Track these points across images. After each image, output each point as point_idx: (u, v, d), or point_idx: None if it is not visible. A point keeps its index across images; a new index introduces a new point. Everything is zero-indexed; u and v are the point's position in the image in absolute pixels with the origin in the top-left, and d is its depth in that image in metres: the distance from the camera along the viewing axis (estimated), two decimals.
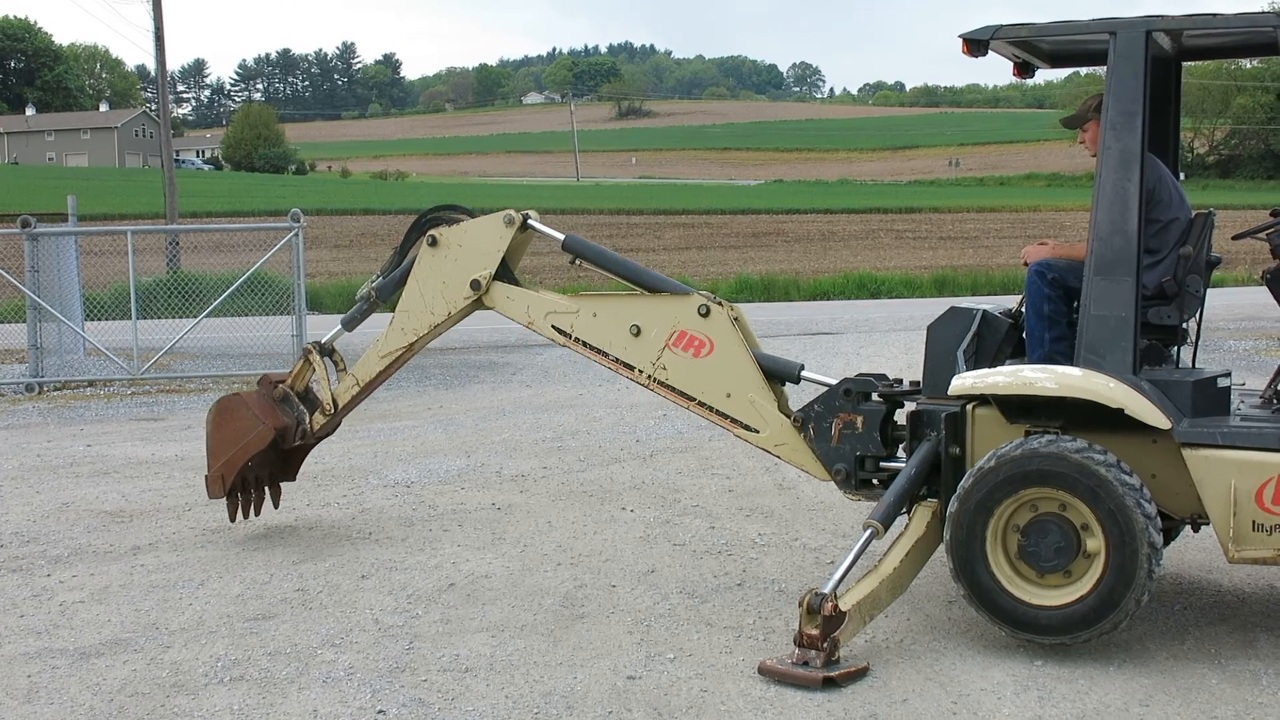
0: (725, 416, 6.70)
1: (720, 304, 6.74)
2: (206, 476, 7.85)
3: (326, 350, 7.88)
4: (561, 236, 7.20)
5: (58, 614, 6.64)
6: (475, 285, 7.23)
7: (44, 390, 15.68)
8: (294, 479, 8.33)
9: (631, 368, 6.89)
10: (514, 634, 6.19)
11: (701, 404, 6.74)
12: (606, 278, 7.30)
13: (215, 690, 5.52)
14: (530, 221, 7.26)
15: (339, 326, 7.91)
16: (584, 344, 7.00)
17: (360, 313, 7.83)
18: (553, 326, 7.08)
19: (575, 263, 7.19)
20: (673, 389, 6.79)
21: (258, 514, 8.11)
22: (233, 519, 8.01)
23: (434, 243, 7.36)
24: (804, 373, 6.71)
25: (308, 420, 7.80)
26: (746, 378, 6.64)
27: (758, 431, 6.64)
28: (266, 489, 8.11)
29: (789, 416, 6.59)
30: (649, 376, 6.83)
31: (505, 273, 7.29)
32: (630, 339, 6.86)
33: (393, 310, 7.59)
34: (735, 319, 6.74)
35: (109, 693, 5.50)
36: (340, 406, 7.73)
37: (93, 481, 10.09)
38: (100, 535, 8.27)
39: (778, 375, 6.71)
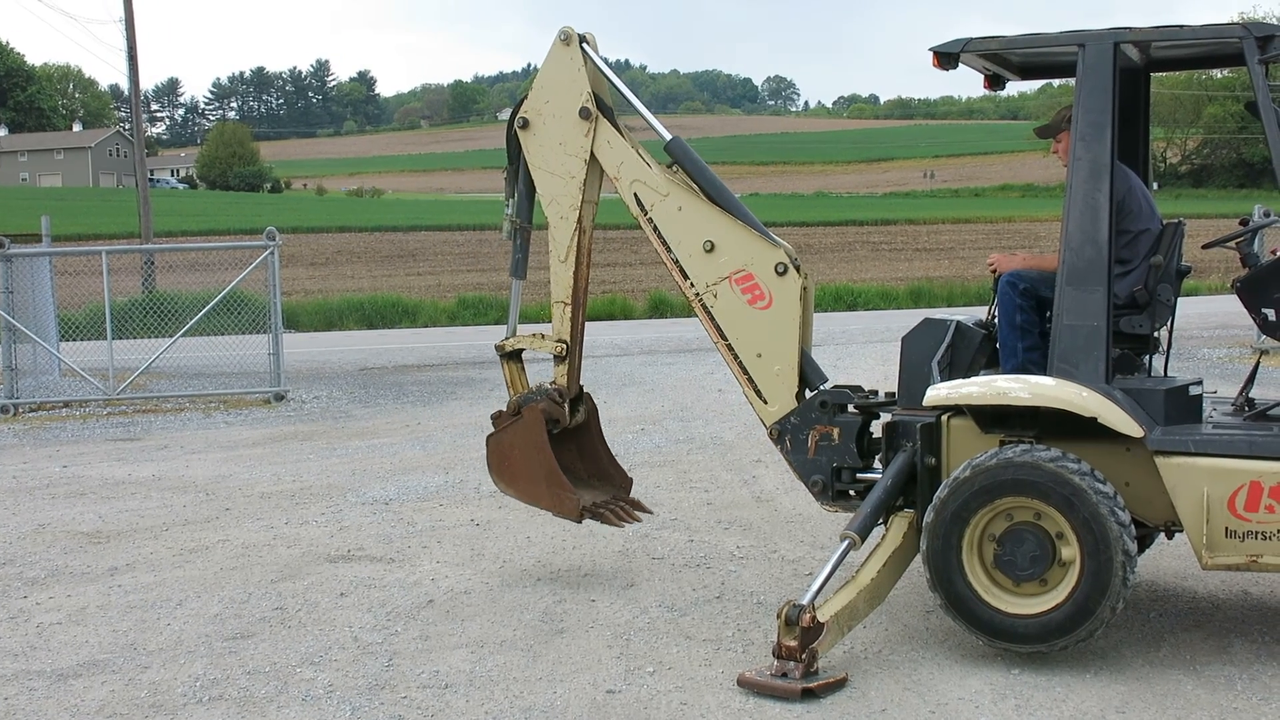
0: (745, 372, 6.66)
1: (799, 270, 6.61)
2: (556, 513, 7.28)
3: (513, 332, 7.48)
4: (668, 135, 6.92)
5: (35, 635, 6.61)
6: (585, 113, 6.98)
7: (19, 412, 15.60)
8: (629, 485, 7.65)
9: (686, 277, 6.79)
10: (493, 650, 6.19)
11: (730, 348, 6.69)
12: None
13: (194, 710, 5.50)
14: (585, 46, 7.03)
15: (513, 280, 7.53)
16: (654, 228, 6.89)
17: (519, 250, 7.42)
18: (634, 195, 6.93)
19: (673, 168, 6.98)
20: (712, 319, 6.72)
21: (632, 520, 7.48)
22: (619, 524, 7.41)
23: (526, 124, 7.16)
24: (824, 387, 6.62)
25: (550, 386, 7.27)
26: (784, 349, 6.59)
27: (766, 403, 6.63)
28: (622, 506, 7.47)
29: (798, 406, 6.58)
30: (697, 294, 6.75)
31: (606, 110, 7.05)
32: (700, 251, 6.75)
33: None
34: (805, 289, 6.63)
35: (87, 714, 5.48)
36: (568, 338, 7.21)
37: (69, 502, 10.05)
38: (77, 556, 8.24)
39: (806, 373, 6.64)
